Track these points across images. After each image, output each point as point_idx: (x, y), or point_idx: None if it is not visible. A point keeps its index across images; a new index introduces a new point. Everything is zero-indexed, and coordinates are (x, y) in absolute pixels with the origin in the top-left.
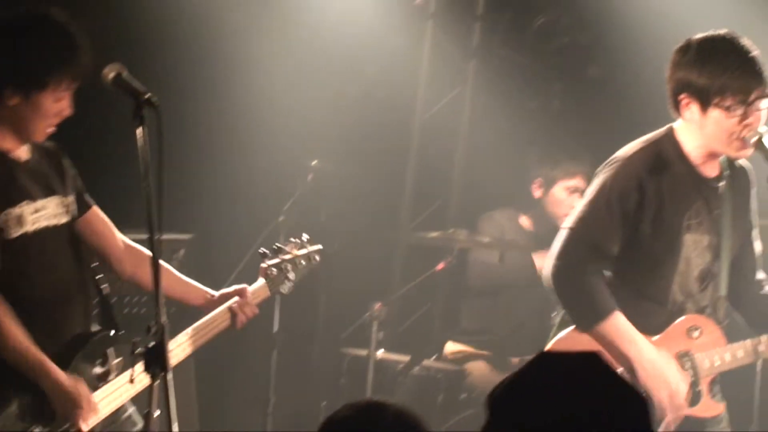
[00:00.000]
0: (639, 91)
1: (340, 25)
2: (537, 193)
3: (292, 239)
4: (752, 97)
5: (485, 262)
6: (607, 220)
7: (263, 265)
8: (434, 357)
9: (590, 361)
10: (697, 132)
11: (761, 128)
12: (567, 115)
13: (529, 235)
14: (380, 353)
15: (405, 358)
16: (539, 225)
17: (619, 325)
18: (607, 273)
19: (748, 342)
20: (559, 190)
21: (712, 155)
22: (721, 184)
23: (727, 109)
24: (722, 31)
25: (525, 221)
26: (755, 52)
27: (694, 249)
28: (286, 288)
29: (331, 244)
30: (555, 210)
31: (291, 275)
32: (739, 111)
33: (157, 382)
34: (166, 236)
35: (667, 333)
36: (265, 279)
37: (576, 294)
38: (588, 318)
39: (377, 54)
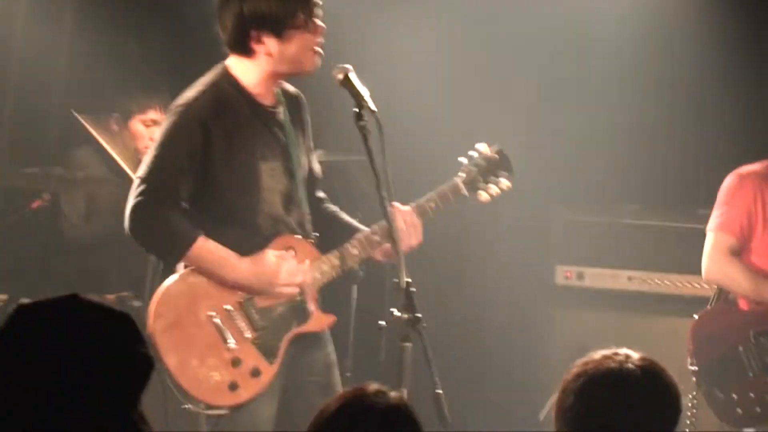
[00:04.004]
0: None
1: None
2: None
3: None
4: (312, 8)
5: (70, 216)
6: (172, 165)
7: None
8: None
9: (67, 304)
10: (270, 62)
11: (347, 65)
12: (166, 51)
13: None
14: None
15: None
16: None
17: (207, 247)
18: (192, 214)
19: (340, 249)
20: (136, 124)
21: (275, 83)
22: (280, 110)
23: (300, 27)
24: None
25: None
26: None
27: (271, 177)
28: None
29: None
30: (136, 144)
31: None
32: (310, 24)
33: None
34: None
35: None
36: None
37: (155, 233)
38: (174, 251)
39: None
